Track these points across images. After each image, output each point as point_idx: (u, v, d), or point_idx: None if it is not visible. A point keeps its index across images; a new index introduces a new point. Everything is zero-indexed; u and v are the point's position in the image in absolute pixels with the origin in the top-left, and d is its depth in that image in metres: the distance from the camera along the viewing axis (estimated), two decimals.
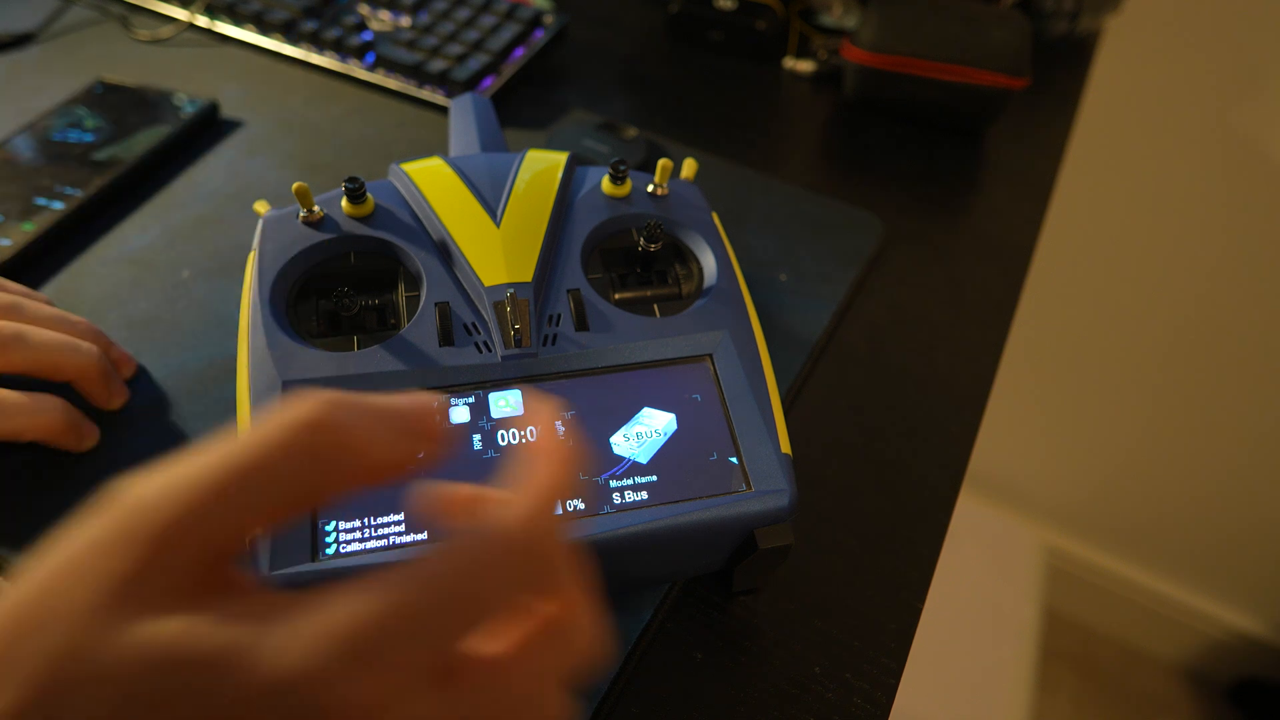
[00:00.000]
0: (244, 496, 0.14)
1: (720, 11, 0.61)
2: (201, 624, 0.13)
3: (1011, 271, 0.48)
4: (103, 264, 0.42)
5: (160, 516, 0.14)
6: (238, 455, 0.15)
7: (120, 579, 0.14)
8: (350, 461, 0.15)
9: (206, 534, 0.14)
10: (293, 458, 0.15)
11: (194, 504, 0.14)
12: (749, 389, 0.29)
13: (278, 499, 0.15)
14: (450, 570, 0.15)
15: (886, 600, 0.33)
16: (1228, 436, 1.03)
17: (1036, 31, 0.64)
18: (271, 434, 0.15)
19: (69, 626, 0.13)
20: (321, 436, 0.15)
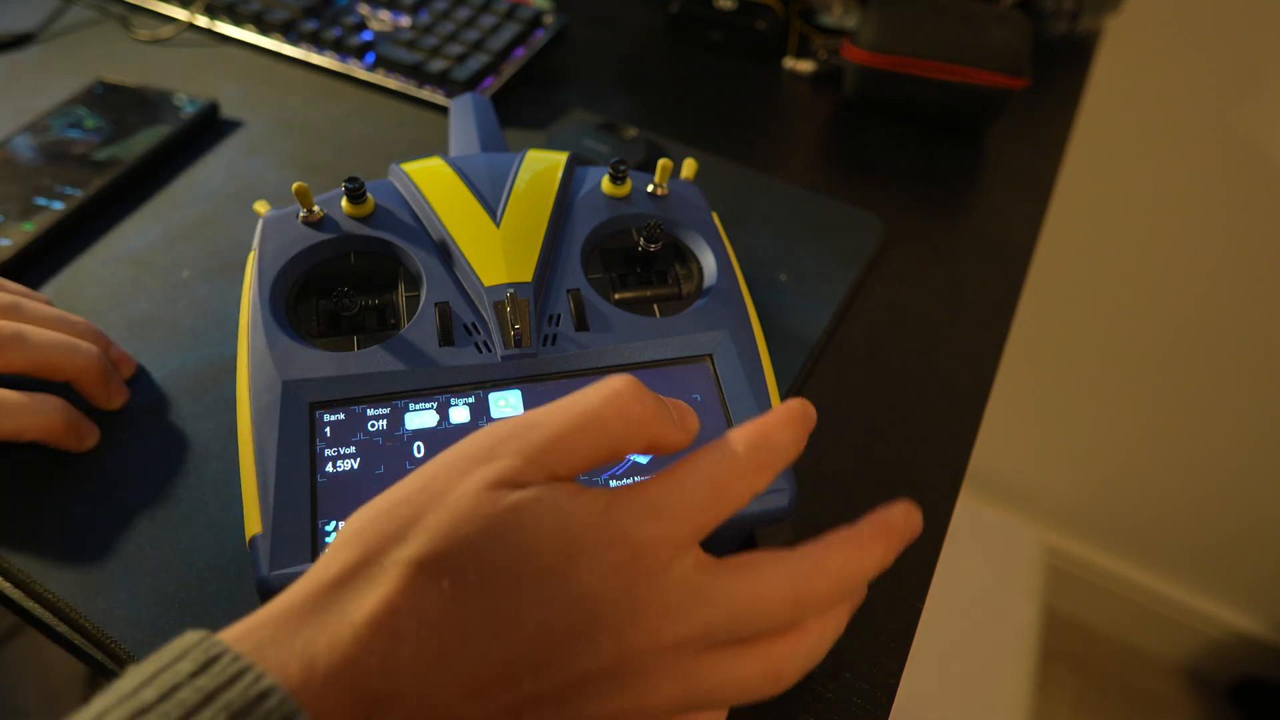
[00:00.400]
0: (578, 438, 0.20)
1: (720, 11, 0.61)
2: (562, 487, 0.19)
3: (1011, 271, 0.48)
4: (103, 264, 0.42)
5: (523, 441, 0.20)
6: (574, 409, 0.20)
7: (497, 471, 0.19)
8: (644, 428, 0.21)
9: (552, 459, 0.19)
10: (611, 416, 0.20)
11: (547, 436, 0.20)
12: (749, 389, 0.29)
13: (597, 444, 0.20)
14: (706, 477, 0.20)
15: (886, 600, 0.33)
16: (1228, 436, 1.03)
17: (1036, 31, 0.64)
18: (597, 397, 0.20)
19: (461, 496, 0.18)
20: (631, 404, 0.20)
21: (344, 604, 0.17)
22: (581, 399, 0.20)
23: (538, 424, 0.20)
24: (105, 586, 0.30)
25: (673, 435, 0.22)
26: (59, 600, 0.29)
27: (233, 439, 0.34)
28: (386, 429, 0.27)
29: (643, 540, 0.19)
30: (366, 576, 0.18)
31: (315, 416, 0.27)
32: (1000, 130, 0.58)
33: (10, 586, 0.30)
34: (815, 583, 0.20)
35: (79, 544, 0.31)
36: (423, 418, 0.28)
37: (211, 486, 0.33)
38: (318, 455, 0.26)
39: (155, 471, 0.33)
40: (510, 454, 0.19)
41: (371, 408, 0.27)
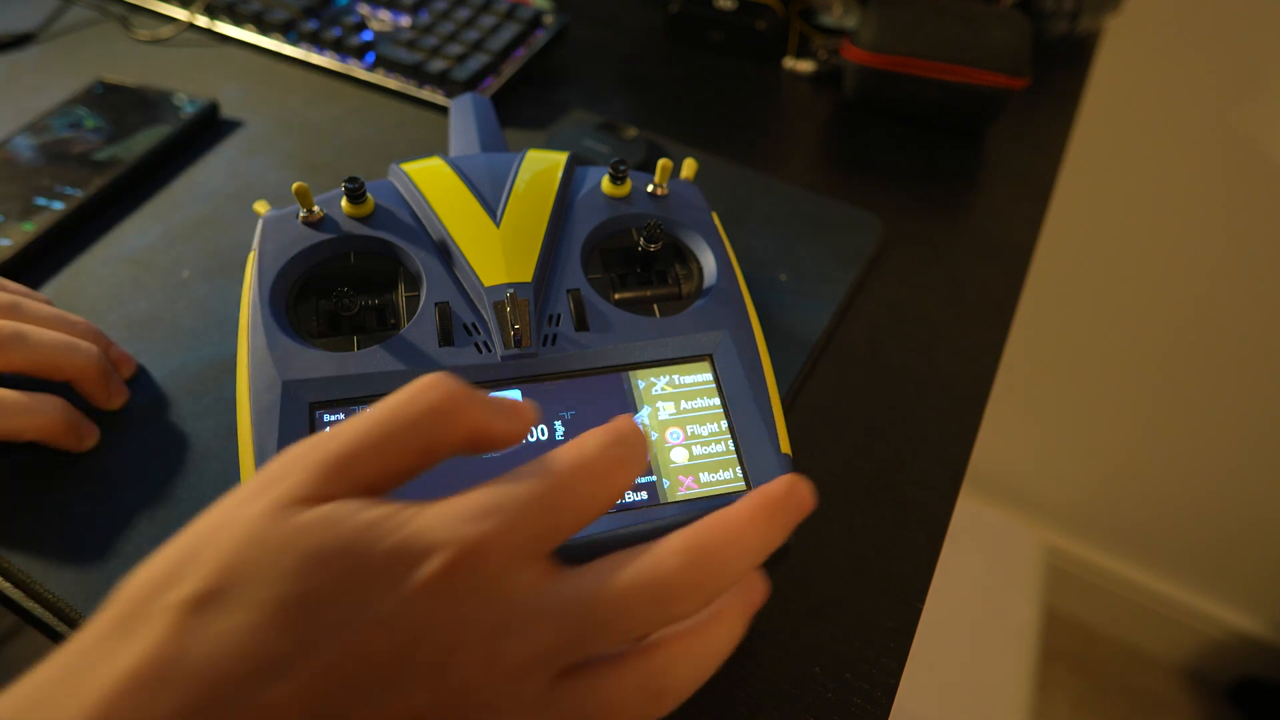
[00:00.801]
0: (382, 442, 0.18)
1: (720, 11, 0.61)
2: (357, 504, 0.17)
3: (1011, 271, 0.48)
4: (103, 264, 0.42)
5: (319, 453, 0.18)
6: (377, 413, 0.18)
7: (286, 492, 0.17)
8: (458, 419, 0.19)
9: (355, 469, 0.17)
10: (417, 412, 0.18)
11: (349, 444, 0.18)
12: (749, 389, 0.29)
13: (407, 446, 0.18)
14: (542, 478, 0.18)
15: (886, 600, 0.33)
16: (1228, 436, 1.03)
17: (1036, 31, 0.64)
18: (401, 395, 0.19)
19: (242, 524, 0.16)
20: (438, 395, 0.19)
21: (98, 667, 0.15)
22: (386, 401, 0.19)
23: (335, 434, 0.18)
24: (105, 586, 0.30)
25: (498, 426, 0.19)
26: (59, 600, 0.30)
27: (233, 439, 0.34)
28: None
29: (461, 551, 0.16)
30: (126, 631, 0.15)
31: (315, 416, 0.27)
32: (1000, 130, 0.58)
33: (10, 586, 0.30)
34: (685, 576, 0.17)
35: (79, 544, 0.31)
36: None
37: (211, 486, 0.33)
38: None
39: (155, 471, 0.33)
40: (302, 470, 0.17)
41: None
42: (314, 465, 0.17)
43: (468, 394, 0.19)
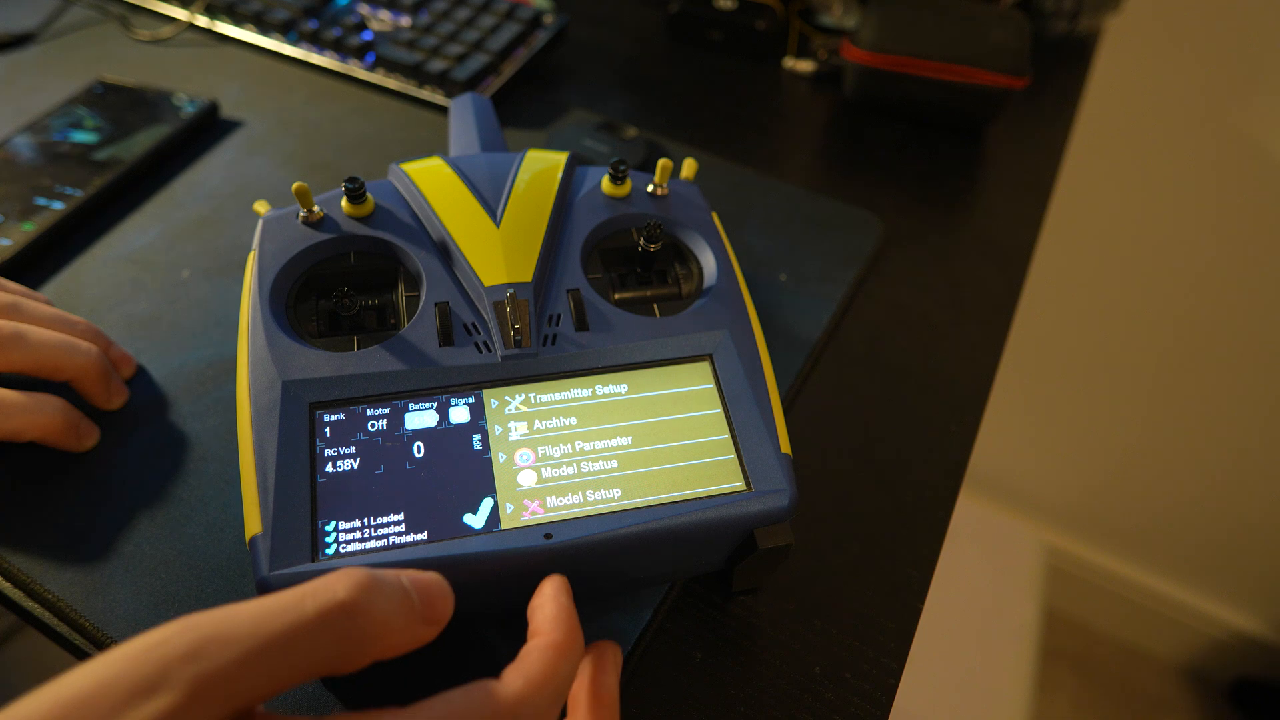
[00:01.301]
0: (276, 660, 0.16)
1: (720, 11, 0.61)
2: None
3: (1011, 271, 0.48)
4: (103, 264, 0.42)
5: (201, 668, 0.15)
6: (279, 622, 0.16)
7: (159, 711, 0.15)
8: (371, 646, 0.17)
9: (240, 688, 0.16)
10: (326, 635, 0.17)
11: (233, 662, 0.16)
12: (749, 389, 0.29)
13: (304, 666, 0.16)
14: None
15: (886, 600, 0.33)
16: (1228, 436, 1.03)
17: (1036, 31, 0.64)
18: (311, 609, 0.17)
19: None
20: (355, 622, 0.17)
21: None
22: (292, 607, 0.17)
23: (226, 639, 0.16)
24: (105, 586, 0.30)
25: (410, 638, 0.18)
26: (59, 600, 0.30)
27: (233, 439, 0.34)
28: (386, 429, 0.27)
29: None
30: None
31: (315, 416, 0.27)
32: (1000, 130, 0.58)
33: (10, 586, 0.30)
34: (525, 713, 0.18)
35: (79, 544, 0.31)
36: (423, 418, 0.28)
37: (211, 486, 0.33)
38: (318, 455, 0.26)
39: (155, 471, 0.34)
40: (180, 685, 0.15)
41: (371, 408, 0.27)
42: (192, 684, 0.15)
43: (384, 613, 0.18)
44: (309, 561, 0.24)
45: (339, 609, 0.17)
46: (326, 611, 0.17)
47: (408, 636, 0.18)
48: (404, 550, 0.25)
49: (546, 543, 0.25)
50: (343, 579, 0.17)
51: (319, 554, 0.24)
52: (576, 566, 0.25)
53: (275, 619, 0.16)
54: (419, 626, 0.19)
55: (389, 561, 0.24)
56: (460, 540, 0.25)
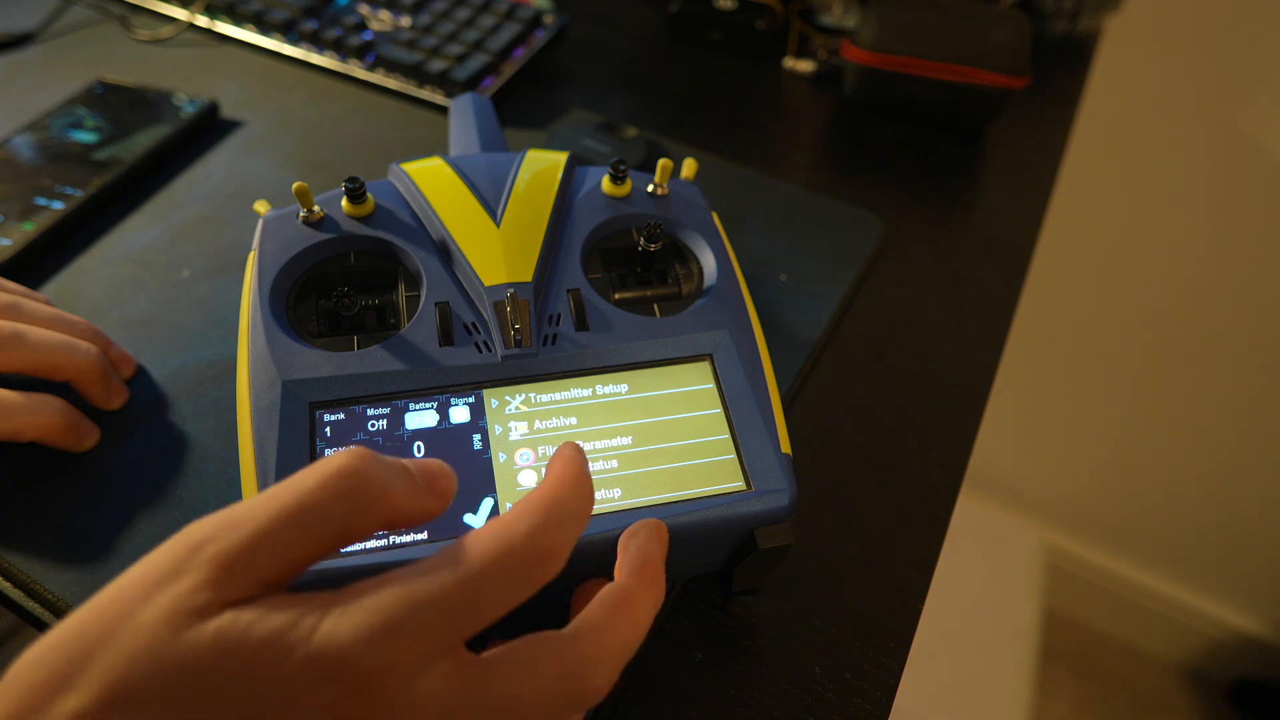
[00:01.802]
0: (289, 534, 0.17)
1: (720, 11, 0.61)
2: (256, 614, 0.16)
3: (1011, 271, 0.48)
4: (103, 264, 0.42)
5: (219, 546, 0.16)
6: (284, 498, 0.17)
7: (183, 596, 0.16)
8: (375, 506, 0.18)
9: (259, 563, 0.17)
10: (329, 500, 0.17)
11: (247, 539, 0.17)
12: (749, 389, 0.29)
13: (317, 536, 0.17)
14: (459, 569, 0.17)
15: (886, 600, 0.33)
16: (1227, 436, 1.03)
17: (1036, 31, 0.64)
18: (311, 480, 0.18)
19: (135, 634, 0.15)
20: (353, 483, 0.18)
21: None
22: (294, 484, 0.18)
23: (238, 522, 0.17)
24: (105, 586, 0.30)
25: (414, 505, 0.19)
26: (59, 600, 0.30)
27: (233, 439, 0.34)
28: (386, 429, 0.27)
29: (366, 667, 0.15)
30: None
31: (315, 416, 0.27)
32: (1000, 130, 0.58)
33: (10, 586, 0.30)
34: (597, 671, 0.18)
35: (79, 544, 0.31)
36: (423, 417, 0.28)
37: (211, 486, 0.33)
38: (318, 455, 0.26)
39: (155, 471, 0.33)
40: (202, 566, 0.16)
41: (371, 407, 0.27)
42: (212, 562, 0.16)
43: (383, 477, 0.18)
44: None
45: (338, 474, 0.18)
46: (326, 478, 0.17)
47: (413, 502, 0.19)
48: (403, 550, 0.25)
49: None
50: (341, 452, 0.18)
51: None
52: (576, 566, 0.25)
53: (281, 495, 0.17)
54: (422, 496, 0.19)
55: (389, 561, 0.24)
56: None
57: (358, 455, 0.18)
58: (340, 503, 0.17)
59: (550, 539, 0.18)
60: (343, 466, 0.18)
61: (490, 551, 0.18)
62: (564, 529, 0.19)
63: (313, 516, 0.17)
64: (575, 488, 0.20)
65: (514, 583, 0.18)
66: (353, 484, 0.18)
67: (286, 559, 0.17)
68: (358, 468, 0.18)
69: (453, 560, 0.17)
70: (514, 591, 0.18)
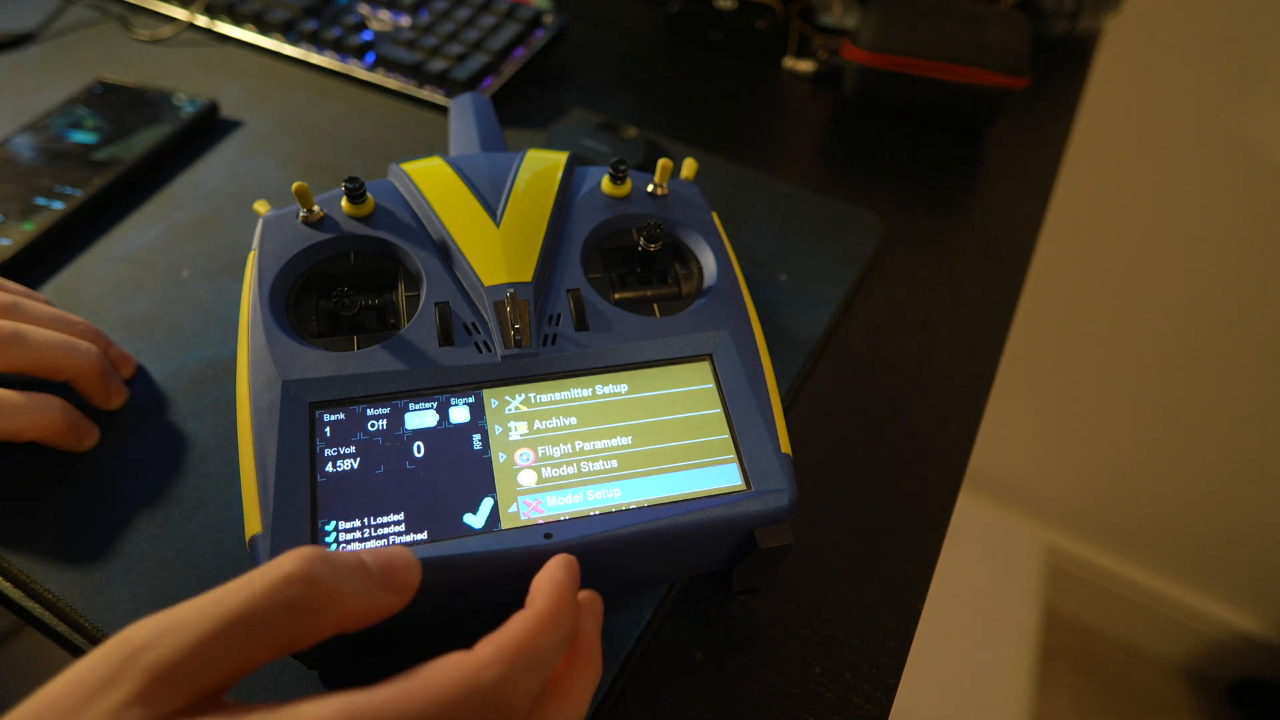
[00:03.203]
0: (230, 643, 0.16)
1: (720, 11, 0.61)
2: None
3: (1011, 271, 0.48)
4: (103, 264, 0.42)
5: (156, 655, 0.16)
6: (227, 605, 0.17)
7: (114, 711, 0.15)
8: (324, 612, 0.17)
9: (197, 673, 0.16)
10: (274, 608, 0.17)
11: (186, 647, 0.16)
12: (749, 389, 0.29)
13: (260, 644, 0.17)
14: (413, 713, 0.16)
15: (886, 600, 0.33)
16: (1228, 436, 1.03)
17: (1036, 31, 0.64)
18: (258, 586, 0.17)
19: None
20: (300, 589, 0.17)
21: None
22: (239, 588, 0.17)
23: (178, 628, 0.16)
24: (105, 586, 0.30)
25: (369, 606, 0.18)
26: (59, 600, 0.30)
27: (233, 439, 0.34)
28: (386, 429, 0.27)
29: None
30: None
31: (315, 416, 0.27)
32: (1000, 130, 0.58)
33: (10, 586, 0.30)
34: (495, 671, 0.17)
35: (79, 544, 0.31)
36: (423, 417, 0.28)
37: (211, 486, 0.33)
38: (317, 455, 0.26)
39: (155, 471, 0.33)
40: (136, 675, 0.16)
41: (371, 407, 0.27)
42: (148, 672, 0.16)
43: (333, 581, 0.17)
44: None
45: (284, 580, 0.17)
46: (273, 585, 0.17)
47: (366, 603, 0.18)
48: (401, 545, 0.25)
49: (546, 542, 0.25)
50: (290, 555, 0.18)
51: None
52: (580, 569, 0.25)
53: (225, 601, 0.17)
54: (379, 593, 0.19)
55: None
56: (460, 540, 0.25)
57: (307, 559, 0.17)
58: (286, 611, 0.17)
59: (519, 689, 0.18)
60: (290, 573, 0.17)
61: (450, 700, 0.17)
62: (536, 675, 0.18)
63: (257, 626, 0.17)
64: (555, 624, 0.19)
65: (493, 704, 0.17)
66: (300, 591, 0.17)
67: (226, 668, 0.16)
68: (305, 573, 0.17)
69: (409, 699, 0.16)
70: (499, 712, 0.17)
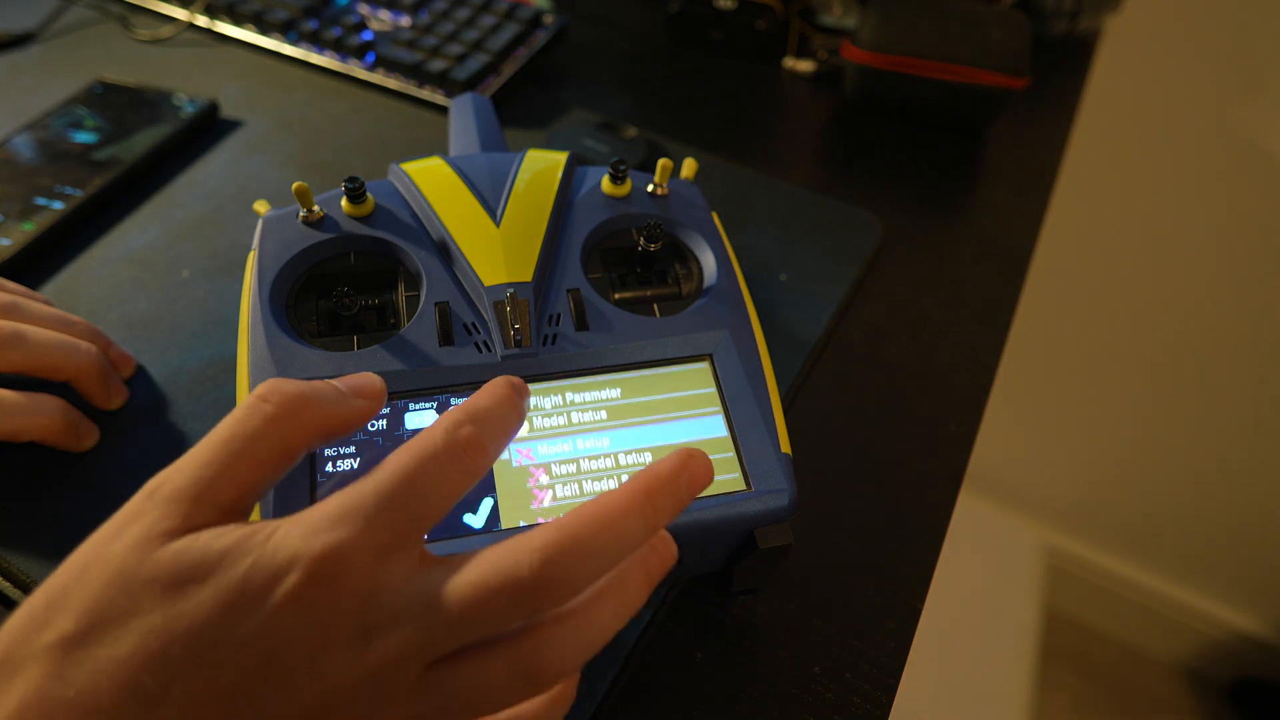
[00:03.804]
0: (230, 459, 0.19)
1: (720, 11, 0.61)
2: (215, 532, 0.17)
3: (1011, 271, 0.48)
4: (103, 264, 0.42)
5: (172, 484, 0.18)
6: (217, 433, 0.19)
7: (146, 528, 0.17)
8: (303, 414, 0.20)
9: (210, 490, 0.18)
10: (256, 421, 0.19)
11: (192, 471, 0.18)
12: (749, 389, 0.29)
13: (257, 456, 0.19)
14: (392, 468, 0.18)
15: (886, 600, 0.33)
16: (1227, 436, 1.03)
17: (1036, 31, 0.64)
18: (237, 412, 0.19)
19: (105, 565, 0.17)
20: (273, 400, 0.19)
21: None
22: (225, 420, 0.19)
23: (183, 464, 0.19)
24: None
25: (342, 409, 0.21)
26: None
27: None
28: (386, 429, 0.27)
29: (315, 562, 0.16)
30: (4, 677, 0.16)
31: None
32: (1000, 130, 0.58)
33: (10, 586, 0.30)
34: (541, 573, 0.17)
35: (79, 544, 0.31)
36: (422, 417, 0.28)
37: None
38: (317, 455, 0.26)
39: (155, 471, 0.33)
40: (159, 504, 0.18)
41: None
42: (169, 499, 0.18)
43: (303, 393, 0.20)
44: None
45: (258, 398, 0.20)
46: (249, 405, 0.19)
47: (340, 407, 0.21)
48: None
49: None
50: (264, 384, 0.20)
51: None
52: None
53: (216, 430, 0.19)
54: (348, 399, 0.21)
55: None
56: (460, 540, 0.25)
57: (275, 379, 0.20)
58: (268, 421, 0.19)
59: (469, 432, 0.19)
60: (262, 391, 0.20)
61: (416, 450, 0.19)
62: (485, 426, 0.20)
63: (247, 440, 0.19)
64: (497, 397, 0.21)
65: (448, 472, 0.19)
66: (274, 402, 0.19)
67: (237, 484, 0.19)
68: (275, 387, 0.20)
69: (385, 464, 0.19)
70: (451, 480, 0.19)
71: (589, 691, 0.28)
